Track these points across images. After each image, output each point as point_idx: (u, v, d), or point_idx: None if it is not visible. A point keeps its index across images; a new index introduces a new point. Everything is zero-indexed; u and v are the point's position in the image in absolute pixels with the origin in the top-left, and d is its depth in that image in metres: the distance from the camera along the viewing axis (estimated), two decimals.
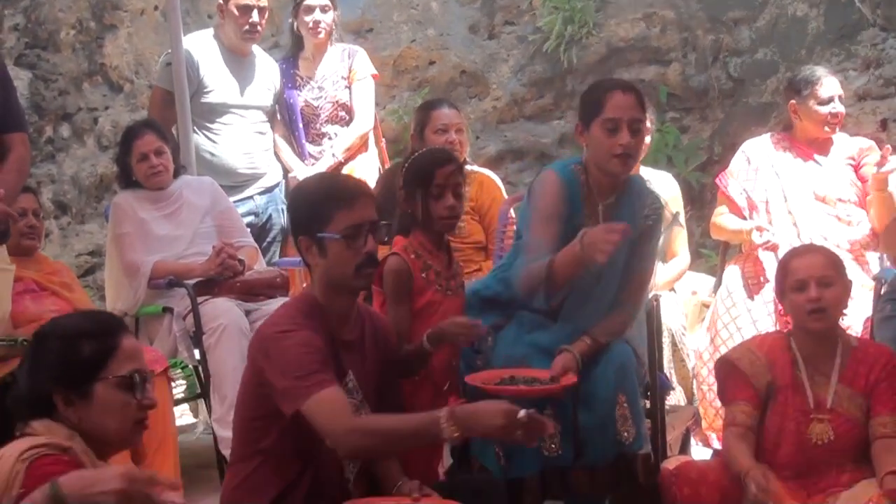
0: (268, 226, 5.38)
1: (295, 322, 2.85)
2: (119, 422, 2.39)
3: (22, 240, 4.30)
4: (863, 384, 3.41)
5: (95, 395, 2.36)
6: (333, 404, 2.74)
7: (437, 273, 3.43)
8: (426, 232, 3.44)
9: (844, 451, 3.39)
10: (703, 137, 6.53)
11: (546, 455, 3.40)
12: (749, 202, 4.82)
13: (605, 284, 3.54)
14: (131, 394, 2.39)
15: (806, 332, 3.45)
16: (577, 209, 3.54)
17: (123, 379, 2.38)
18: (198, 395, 4.55)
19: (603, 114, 3.47)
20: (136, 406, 2.40)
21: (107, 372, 2.37)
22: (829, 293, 3.40)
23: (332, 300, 2.94)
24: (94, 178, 7.15)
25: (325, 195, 2.94)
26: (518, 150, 6.78)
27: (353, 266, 2.89)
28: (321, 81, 5.46)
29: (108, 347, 2.39)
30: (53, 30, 7.16)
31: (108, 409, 2.37)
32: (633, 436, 3.42)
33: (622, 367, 3.45)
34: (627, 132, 3.45)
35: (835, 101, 4.74)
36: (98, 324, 2.45)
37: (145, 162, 4.65)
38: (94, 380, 2.36)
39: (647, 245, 3.61)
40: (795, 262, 3.50)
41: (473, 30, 6.97)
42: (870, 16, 6.18)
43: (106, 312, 2.65)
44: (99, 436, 2.37)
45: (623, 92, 3.51)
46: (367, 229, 2.91)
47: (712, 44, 6.52)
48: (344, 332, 2.97)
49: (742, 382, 3.43)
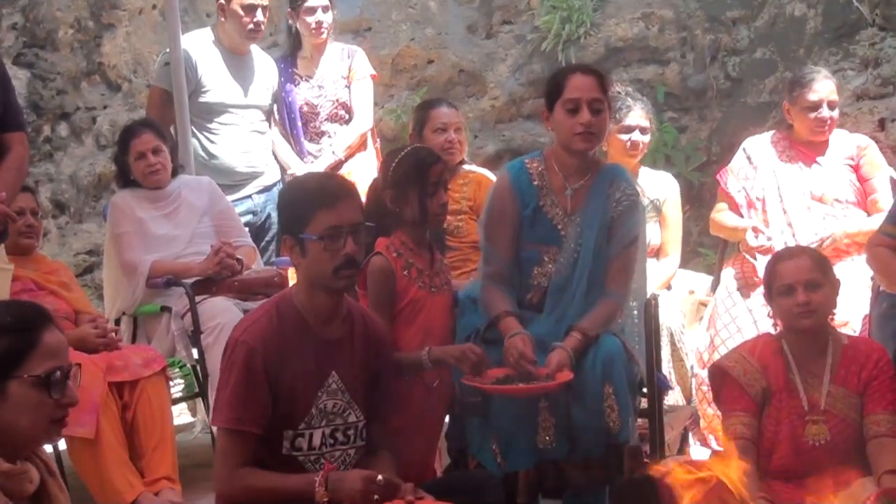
0: (266, 225, 5.38)
1: (257, 335, 2.89)
2: (31, 421, 2.25)
3: (20, 239, 4.30)
4: (855, 383, 3.41)
5: (9, 393, 2.22)
6: (231, 448, 2.88)
7: (419, 270, 3.46)
8: (409, 230, 3.46)
9: (840, 451, 3.39)
10: (702, 137, 6.53)
11: (541, 449, 3.42)
12: (748, 200, 4.82)
13: (580, 269, 3.61)
14: (47, 393, 2.25)
15: (796, 332, 3.45)
16: (532, 198, 3.68)
17: (39, 378, 2.24)
18: (196, 395, 4.56)
19: (563, 95, 3.61)
20: (52, 405, 2.26)
21: (22, 370, 2.22)
22: (817, 296, 3.41)
23: (313, 299, 2.95)
24: (93, 178, 7.15)
25: (307, 196, 2.95)
26: (516, 150, 6.77)
27: (332, 268, 2.89)
28: (321, 80, 5.47)
29: (25, 344, 2.24)
30: (52, 29, 7.16)
31: (21, 409, 2.23)
32: (618, 427, 3.43)
33: (609, 359, 3.47)
34: (588, 111, 3.58)
35: (822, 107, 4.70)
36: (17, 318, 2.28)
37: (143, 160, 4.65)
38: (7, 378, 2.22)
39: (622, 229, 3.65)
40: (781, 266, 3.50)
41: (472, 29, 6.97)
42: (868, 15, 6.18)
43: (29, 304, 2.46)
44: (11, 434, 2.24)
45: (582, 73, 3.68)
46: (347, 231, 2.90)
47: (711, 43, 6.52)
48: (327, 330, 2.97)
49: (737, 391, 3.43)
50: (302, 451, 2.92)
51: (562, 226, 3.68)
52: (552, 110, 3.67)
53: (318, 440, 2.94)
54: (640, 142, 4.80)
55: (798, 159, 4.82)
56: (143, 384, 4.05)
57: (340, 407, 2.97)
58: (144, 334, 4.57)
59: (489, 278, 3.67)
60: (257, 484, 2.86)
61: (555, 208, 3.69)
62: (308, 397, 2.92)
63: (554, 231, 3.69)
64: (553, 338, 3.50)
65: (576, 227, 3.65)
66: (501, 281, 3.66)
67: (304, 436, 2.93)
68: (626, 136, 4.78)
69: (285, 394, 2.89)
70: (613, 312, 3.60)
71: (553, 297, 3.64)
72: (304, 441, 2.92)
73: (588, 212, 3.65)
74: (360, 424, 3.01)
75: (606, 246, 3.63)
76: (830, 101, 4.73)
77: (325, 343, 2.96)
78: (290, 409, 2.90)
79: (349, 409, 2.98)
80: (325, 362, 2.95)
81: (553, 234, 3.68)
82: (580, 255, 3.62)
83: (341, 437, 2.98)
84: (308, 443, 2.93)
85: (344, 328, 3.01)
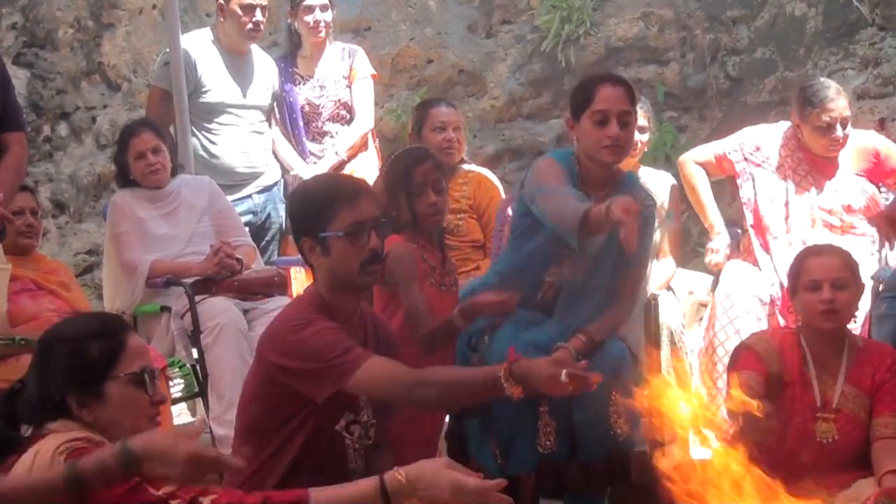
0: (266, 225, 5.38)
1: (309, 315, 2.88)
2: (133, 418, 2.40)
3: (20, 239, 4.30)
4: (868, 384, 3.43)
5: (109, 394, 2.38)
6: (388, 367, 2.82)
7: (432, 268, 3.45)
8: (414, 231, 3.45)
9: (847, 451, 3.40)
10: (702, 137, 6.51)
11: (541, 452, 3.41)
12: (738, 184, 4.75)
13: (596, 280, 3.58)
14: (143, 390, 2.41)
15: (815, 330, 3.45)
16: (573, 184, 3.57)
17: (134, 376, 2.40)
18: (195, 394, 4.55)
19: (592, 106, 3.54)
20: (148, 402, 2.43)
21: (117, 371, 2.39)
22: (843, 295, 3.41)
23: (336, 300, 2.95)
24: (92, 177, 7.15)
25: (326, 194, 2.95)
26: (516, 150, 6.78)
27: (358, 263, 2.90)
28: (322, 80, 5.46)
29: (115, 346, 2.40)
30: (51, 28, 7.16)
31: (122, 407, 2.39)
32: (626, 433, 3.43)
33: (616, 365, 3.47)
34: (616, 124, 3.51)
35: (836, 127, 4.52)
36: (103, 324, 2.47)
37: (142, 160, 4.65)
38: (105, 379, 2.38)
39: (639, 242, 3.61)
40: (811, 261, 3.50)
41: (471, 29, 6.97)
42: (868, 15, 6.18)
43: (108, 313, 2.73)
44: (114, 433, 2.36)
45: (613, 85, 3.59)
46: (370, 226, 2.91)
47: (710, 43, 6.52)
48: (348, 330, 2.97)
49: (755, 359, 3.43)
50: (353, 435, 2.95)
51: None
52: (578, 119, 3.60)
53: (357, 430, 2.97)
54: (639, 141, 4.79)
55: (810, 174, 4.69)
56: None
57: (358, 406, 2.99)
58: (144, 334, 4.56)
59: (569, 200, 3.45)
60: (441, 378, 2.84)
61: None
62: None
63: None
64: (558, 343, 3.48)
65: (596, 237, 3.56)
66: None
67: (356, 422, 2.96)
68: None
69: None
70: (620, 321, 3.59)
71: (564, 303, 3.60)
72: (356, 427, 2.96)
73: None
74: (369, 423, 3.02)
75: (623, 257, 3.54)
76: (843, 118, 4.55)
77: None
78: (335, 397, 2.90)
79: (365, 408, 3.00)
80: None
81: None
82: (599, 265, 3.56)
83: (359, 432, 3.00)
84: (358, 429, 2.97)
85: (360, 330, 3.02)
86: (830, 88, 4.59)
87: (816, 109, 4.51)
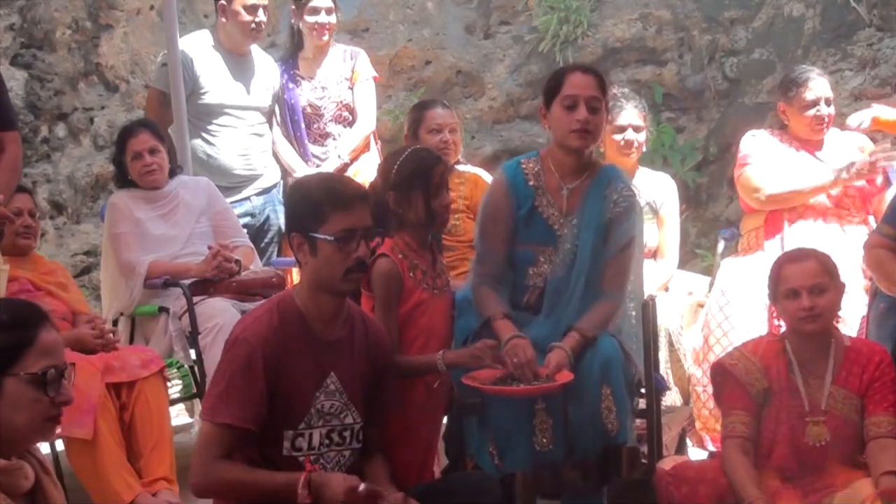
0: (265, 227, 5.37)
1: (259, 333, 2.87)
2: (27, 419, 2.27)
3: (17, 239, 4.30)
4: (857, 384, 3.41)
5: (4, 390, 2.24)
6: (213, 440, 2.83)
7: (423, 272, 3.45)
8: (412, 232, 3.45)
9: (840, 452, 3.39)
10: (699, 137, 6.54)
11: (538, 450, 3.42)
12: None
13: (577, 271, 3.61)
14: (43, 391, 2.27)
15: (799, 334, 3.45)
16: (528, 198, 3.69)
17: (35, 376, 2.26)
18: (193, 395, 4.54)
19: (562, 92, 3.63)
20: (47, 403, 2.28)
21: (19, 367, 2.25)
22: (822, 300, 3.41)
23: (317, 300, 2.95)
24: (90, 178, 7.14)
25: (324, 195, 2.94)
26: (514, 150, 6.78)
27: (343, 269, 2.90)
28: (324, 82, 5.45)
29: (21, 342, 2.27)
30: (49, 29, 7.14)
31: (16, 406, 2.25)
32: (616, 428, 3.43)
33: (607, 361, 3.47)
34: (585, 109, 3.59)
35: (820, 105, 4.71)
36: (13, 315, 2.31)
37: (139, 160, 4.65)
38: (3, 375, 2.24)
39: (619, 230, 3.64)
40: (787, 269, 3.49)
41: (469, 30, 6.98)
42: (866, 16, 6.19)
43: (25, 302, 2.48)
44: (3, 432, 2.26)
45: (582, 72, 3.70)
46: (361, 235, 2.91)
47: (708, 44, 6.53)
48: (328, 331, 2.97)
49: (738, 390, 3.43)
50: (302, 451, 2.92)
51: (557, 226, 3.68)
52: (550, 108, 3.68)
53: (317, 440, 2.93)
54: (634, 140, 4.80)
55: (803, 152, 4.79)
56: (141, 385, 4.05)
57: (337, 408, 2.97)
58: (142, 335, 4.57)
59: (482, 277, 3.67)
60: (234, 477, 2.82)
61: (550, 208, 3.69)
62: (307, 397, 2.91)
63: (549, 231, 3.69)
64: (551, 340, 3.50)
65: (572, 228, 3.65)
66: (495, 281, 3.65)
67: (304, 436, 2.92)
68: (620, 136, 4.78)
69: (284, 393, 2.88)
70: (610, 313, 3.60)
71: (550, 298, 3.64)
72: (304, 441, 2.92)
73: (585, 212, 3.65)
74: (356, 426, 3.00)
75: (603, 247, 3.62)
76: (827, 98, 4.75)
77: (324, 344, 2.95)
78: (290, 409, 2.89)
79: (346, 410, 2.98)
80: (324, 363, 2.94)
81: (548, 235, 3.68)
82: (577, 256, 3.62)
83: (337, 439, 2.97)
84: (308, 443, 2.92)
85: (344, 330, 3.01)
86: (812, 71, 4.87)
87: (801, 88, 4.72)
